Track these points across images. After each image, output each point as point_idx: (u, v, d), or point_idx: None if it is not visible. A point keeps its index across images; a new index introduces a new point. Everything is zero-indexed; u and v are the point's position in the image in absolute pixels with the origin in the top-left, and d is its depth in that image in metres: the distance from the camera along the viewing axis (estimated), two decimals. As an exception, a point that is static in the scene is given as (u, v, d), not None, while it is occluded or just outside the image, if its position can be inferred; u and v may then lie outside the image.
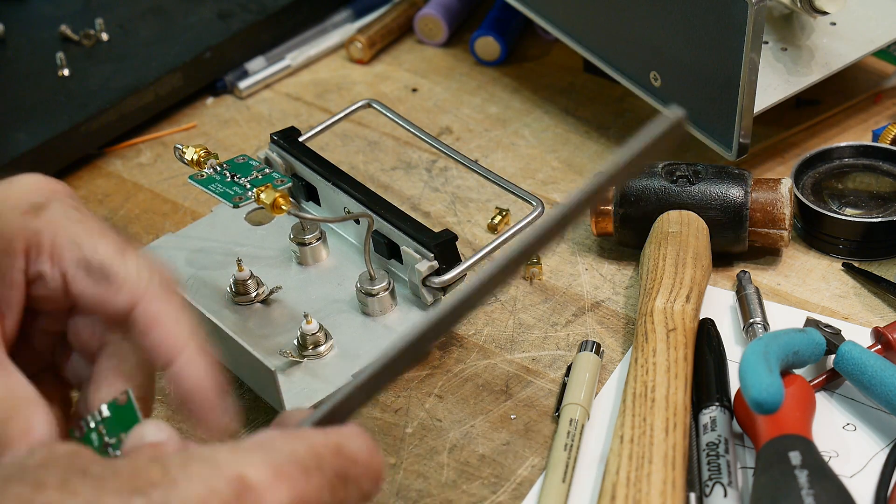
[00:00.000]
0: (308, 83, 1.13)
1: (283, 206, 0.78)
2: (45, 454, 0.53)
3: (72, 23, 1.12)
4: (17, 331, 0.62)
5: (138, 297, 0.61)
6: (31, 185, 0.63)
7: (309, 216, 0.83)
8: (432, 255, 0.81)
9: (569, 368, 0.81)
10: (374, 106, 0.96)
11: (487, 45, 1.12)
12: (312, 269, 0.88)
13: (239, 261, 0.86)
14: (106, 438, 0.59)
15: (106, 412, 0.59)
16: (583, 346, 0.81)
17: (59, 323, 0.64)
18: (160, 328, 0.61)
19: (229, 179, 0.81)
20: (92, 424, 0.59)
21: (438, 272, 0.82)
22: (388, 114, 0.95)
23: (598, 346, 0.81)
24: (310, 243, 0.88)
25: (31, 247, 0.61)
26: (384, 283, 0.83)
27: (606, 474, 0.71)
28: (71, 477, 0.52)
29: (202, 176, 0.82)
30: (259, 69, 1.13)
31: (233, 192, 0.80)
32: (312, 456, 0.54)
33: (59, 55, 1.07)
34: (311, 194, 0.91)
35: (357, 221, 0.87)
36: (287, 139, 0.91)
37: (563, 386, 0.80)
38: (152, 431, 0.57)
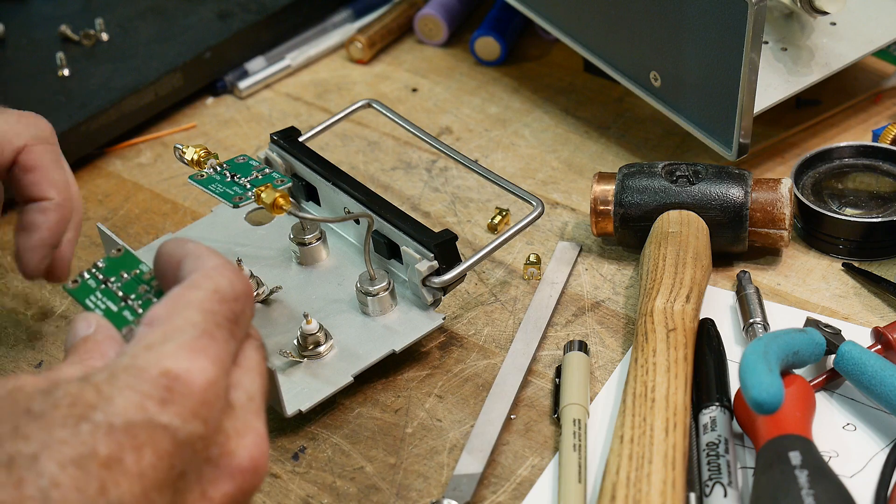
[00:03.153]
0: (308, 83, 1.13)
1: (283, 206, 0.78)
2: (6, 404, 0.56)
3: (72, 23, 1.12)
4: None
5: (17, 149, 0.75)
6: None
7: (309, 216, 0.83)
8: (432, 255, 0.81)
9: (558, 370, 0.81)
10: (375, 106, 0.96)
11: (487, 45, 1.12)
12: (312, 269, 0.88)
13: (239, 261, 0.86)
14: (101, 276, 0.68)
15: (101, 263, 0.68)
16: (569, 347, 0.81)
17: None
18: (37, 172, 0.75)
19: (229, 179, 0.81)
20: (87, 275, 0.68)
21: (438, 272, 0.82)
22: (388, 114, 0.95)
23: (584, 344, 0.81)
24: (310, 243, 0.88)
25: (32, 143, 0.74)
26: (384, 283, 0.83)
27: (606, 474, 0.71)
28: (19, 422, 0.55)
29: (202, 176, 0.82)
30: (259, 69, 1.13)
31: (233, 192, 0.80)
32: (206, 317, 0.59)
33: (59, 55, 1.07)
34: (311, 194, 0.91)
35: (357, 221, 0.87)
36: (287, 139, 0.91)
37: (557, 388, 0.80)
38: (83, 327, 0.62)
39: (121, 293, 0.66)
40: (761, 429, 0.72)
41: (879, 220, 0.88)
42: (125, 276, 0.69)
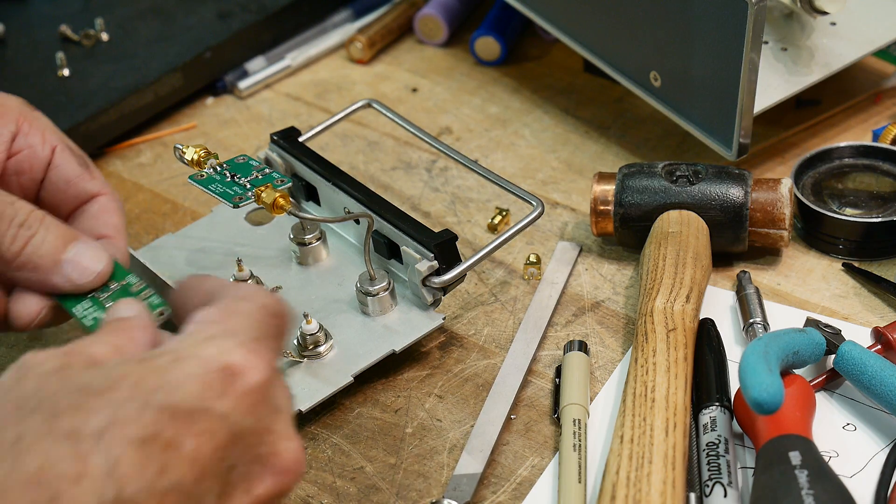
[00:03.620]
0: (308, 83, 1.13)
1: (283, 206, 0.78)
2: (35, 378, 0.59)
3: (72, 23, 1.12)
4: None
5: (106, 190, 0.78)
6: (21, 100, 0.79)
7: (309, 216, 0.83)
8: (432, 254, 0.81)
9: (558, 370, 0.81)
10: (374, 106, 0.96)
11: (487, 45, 1.12)
12: (312, 269, 0.88)
13: (239, 261, 0.86)
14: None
15: None
16: (569, 347, 0.81)
17: (24, 190, 0.78)
18: (109, 216, 0.77)
19: (229, 179, 0.81)
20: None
21: (438, 272, 0.82)
22: (388, 114, 0.95)
23: (584, 344, 0.81)
24: (310, 243, 0.88)
25: (26, 122, 0.76)
26: (384, 283, 0.83)
27: (606, 474, 0.71)
28: (80, 398, 0.57)
29: (202, 176, 0.82)
30: (259, 69, 1.13)
31: (233, 192, 0.80)
32: (258, 326, 0.62)
33: (59, 55, 1.07)
34: (311, 194, 0.91)
35: (357, 221, 0.87)
36: (287, 139, 0.91)
37: (556, 388, 0.80)
38: (124, 308, 0.66)
39: (108, 304, 0.69)
40: (761, 429, 0.72)
41: (879, 220, 0.88)
42: (113, 286, 0.72)
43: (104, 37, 1.11)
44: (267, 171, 0.82)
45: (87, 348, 0.61)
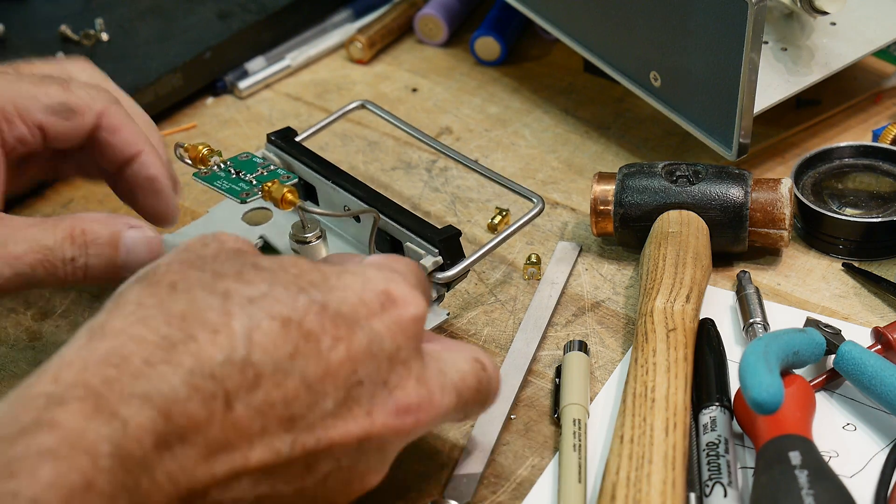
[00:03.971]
0: (308, 83, 1.13)
1: (292, 201, 0.78)
2: (217, 246, 0.65)
3: (72, 23, 1.12)
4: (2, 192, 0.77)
5: (98, 113, 0.79)
6: None
7: (317, 211, 0.83)
8: (437, 250, 0.81)
9: (558, 370, 0.81)
10: (368, 107, 0.95)
11: (487, 45, 1.12)
12: (312, 268, 0.88)
13: None
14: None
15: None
16: (569, 347, 0.81)
17: (46, 166, 0.83)
18: (122, 132, 0.79)
19: (234, 176, 0.81)
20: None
21: (443, 268, 0.82)
22: (383, 114, 0.95)
23: (584, 344, 0.81)
24: (309, 242, 0.88)
25: (1, 120, 0.77)
26: None
27: (606, 474, 0.71)
28: (244, 269, 0.62)
29: (207, 173, 0.82)
30: (259, 69, 1.13)
31: (239, 189, 0.80)
32: (419, 278, 0.68)
33: (60, 55, 1.07)
34: (310, 194, 0.91)
35: (357, 219, 0.87)
36: (283, 139, 0.91)
37: (557, 388, 0.80)
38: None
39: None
40: (761, 429, 0.72)
41: (879, 220, 0.88)
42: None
43: (104, 37, 1.11)
44: (272, 167, 0.82)
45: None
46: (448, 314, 0.82)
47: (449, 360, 0.68)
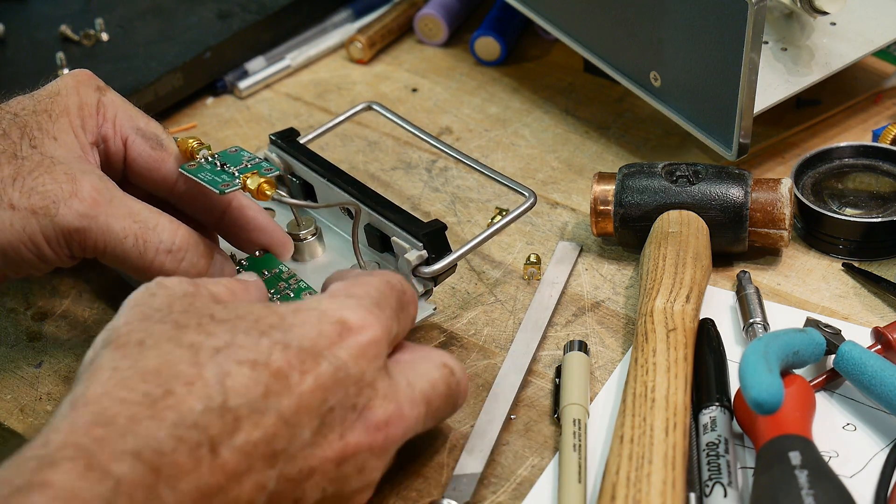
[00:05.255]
0: (308, 83, 1.13)
1: (267, 192, 0.78)
2: (165, 294, 0.67)
3: (72, 23, 1.12)
4: None
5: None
6: (89, 73, 0.82)
7: (292, 202, 0.82)
8: (421, 244, 0.81)
9: (558, 370, 0.81)
10: (376, 108, 0.96)
11: (487, 45, 1.12)
12: (308, 264, 0.88)
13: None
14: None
15: (245, 262, 0.85)
16: (569, 347, 0.81)
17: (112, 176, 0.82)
18: (252, 214, 0.83)
19: (219, 168, 0.81)
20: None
21: (428, 262, 0.81)
22: (390, 115, 0.95)
23: (584, 344, 0.81)
24: (305, 239, 0.88)
25: (100, 114, 0.80)
26: None
27: (606, 474, 0.71)
28: (203, 321, 0.65)
29: (193, 165, 0.82)
30: (259, 69, 1.13)
31: (220, 180, 0.80)
32: (379, 295, 0.69)
33: (59, 55, 1.07)
34: (309, 194, 0.91)
35: (352, 216, 0.87)
36: (286, 140, 0.91)
37: (556, 388, 0.80)
38: (245, 275, 0.75)
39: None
40: (761, 429, 0.72)
41: (879, 220, 0.88)
42: (266, 273, 0.83)
43: (104, 37, 1.11)
44: (257, 160, 0.82)
45: (209, 287, 0.69)
46: (434, 309, 0.82)
47: (418, 370, 0.70)
